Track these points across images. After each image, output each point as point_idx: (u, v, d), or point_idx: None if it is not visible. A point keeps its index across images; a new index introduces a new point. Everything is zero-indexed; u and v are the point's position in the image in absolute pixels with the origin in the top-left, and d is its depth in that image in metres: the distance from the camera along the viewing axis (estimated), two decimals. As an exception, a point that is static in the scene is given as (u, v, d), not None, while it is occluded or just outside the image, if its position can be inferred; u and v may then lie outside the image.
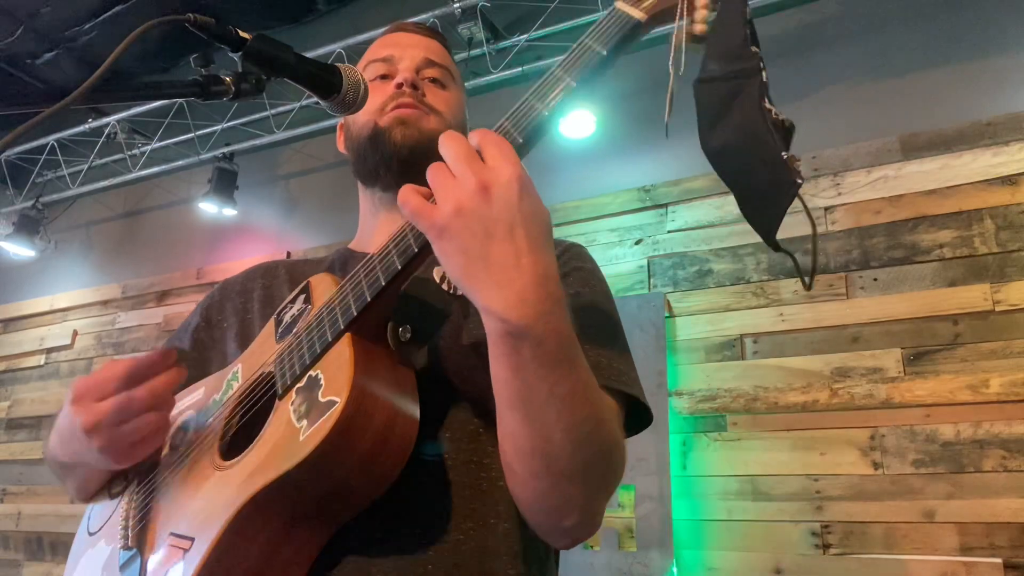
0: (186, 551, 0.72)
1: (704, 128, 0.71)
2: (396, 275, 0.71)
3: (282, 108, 3.90)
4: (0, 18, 3.85)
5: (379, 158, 0.99)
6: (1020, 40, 2.51)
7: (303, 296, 0.87)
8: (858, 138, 2.64)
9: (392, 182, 0.99)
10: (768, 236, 0.68)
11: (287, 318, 0.87)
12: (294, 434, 0.69)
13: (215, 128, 4.05)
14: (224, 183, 3.88)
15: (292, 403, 0.73)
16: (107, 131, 4.23)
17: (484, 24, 3.28)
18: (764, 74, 0.68)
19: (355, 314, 0.72)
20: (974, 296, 2.31)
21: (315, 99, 0.76)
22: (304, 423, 0.69)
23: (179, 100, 3.24)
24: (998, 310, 2.27)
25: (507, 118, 0.70)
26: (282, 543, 0.71)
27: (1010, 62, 2.50)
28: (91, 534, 0.92)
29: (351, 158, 1.07)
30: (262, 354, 0.86)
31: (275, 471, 0.68)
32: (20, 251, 4.51)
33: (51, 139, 4.43)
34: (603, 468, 0.72)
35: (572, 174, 3.09)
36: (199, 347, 1.03)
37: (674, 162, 2.87)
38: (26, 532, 4.13)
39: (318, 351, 0.74)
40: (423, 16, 3.28)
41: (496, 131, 0.69)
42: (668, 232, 2.87)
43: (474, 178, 0.62)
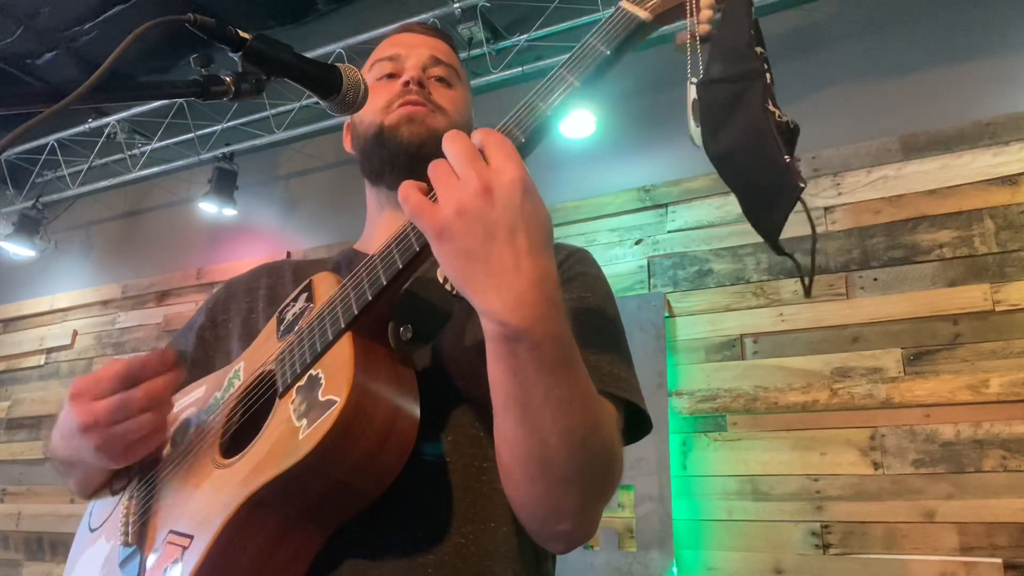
0: (185, 549, 0.72)
1: (708, 132, 0.71)
2: (397, 274, 0.70)
3: (282, 108, 3.90)
4: (0, 18, 3.85)
5: (385, 156, 0.99)
6: (1020, 40, 2.51)
7: (305, 295, 0.87)
8: (858, 138, 2.64)
9: (397, 180, 0.99)
10: (771, 239, 0.68)
11: (289, 316, 0.87)
12: (294, 433, 0.69)
13: (215, 128, 4.06)
14: (224, 183, 3.88)
15: (292, 402, 0.73)
16: (107, 131, 4.23)
17: (484, 24, 3.28)
18: (769, 76, 0.68)
19: (356, 313, 0.72)
20: (974, 296, 2.31)
21: (315, 99, 0.76)
22: (304, 422, 0.69)
23: (179, 100, 3.24)
24: (998, 310, 2.27)
25: (510, 117, 0.70)
26: (281, 542, 0.71)
27: (1010, 62, 2.50)
28: (92, 530, 0.92)
29: (358, 157, 1.07)
30: (264, 352, 0.86)
31: (274, 470, 0.68)
32: (20, 251, 4.51)
33: (51, 139, 4.43)
34: (599, 473, 0.72)
35: (572, 174, 3.09)
36: (204, 347, 1.03)
37: (674, 162, 2.87)
38: (26, 532, 4.13)
39: (319, 350, 0.74)
40: (423, 16, 3.28)
41: (499, 130, 0.69)
42: (668, 232, 2.87)
43: (477, 179, 0.62)
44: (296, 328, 0.82)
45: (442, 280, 0.90)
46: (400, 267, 0.70)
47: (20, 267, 4.78)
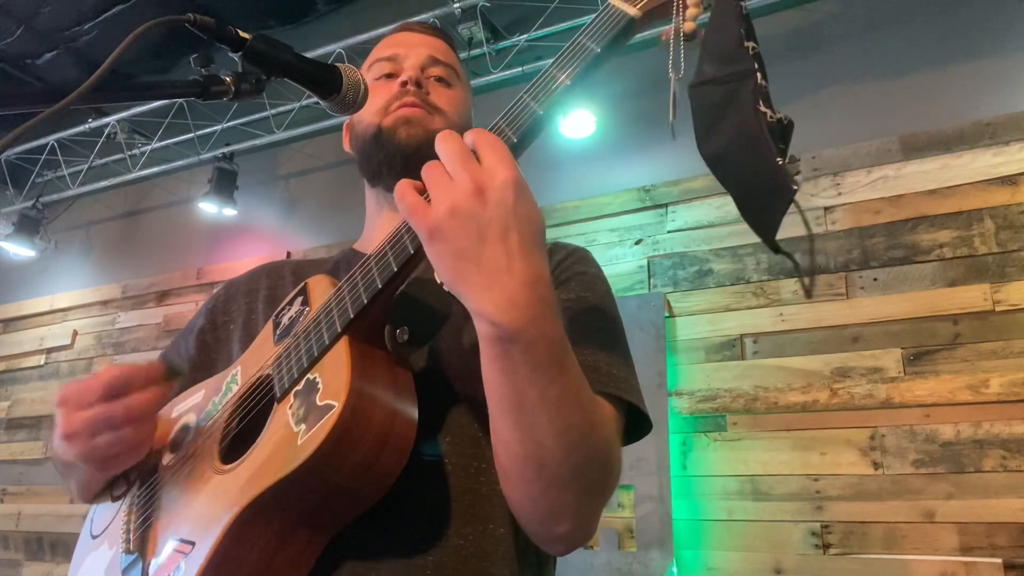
0: (187, 555, 0.72)
1: (700, 133, 0.71)
2: (392, 277, 0.70)
3: (282, 108, 3.90)
4: (0, 18, 3.85)
5: (383, 157, 0.99)
6: (1020, 40, 2.50)
7: (301, 298, 0.87)
8: (858, 138, 2.63)
9: (395, 181, 0.99)
10: (768, 239, 0.68)
11: (285, 320, 0.86)
12: (292, 438, 0.69)
13: (215, 128, 4.05)
14: (224, 183, 3.88)
15: (290, 407, 0.73)
16: (107, 131, 4.23)
17: (484, 24, 3.28)
18: (759, 75, 0.68)
19: (352, 316, 0.72)
20: (974, 296, 2.31)
21: (315, 99, 0.75)
22: (302, 427, 0.69)
23: (179, 100, 3.24)
24: (998, 310, 2.27)
25: (502, 117, 0.70)
26: (282, 547, 0.71)
27: (1010, 62, 2.50)
28: (94, 537, 0.92)
29: (357, 157, 1.06)
30: (261, 356, 0.86)
31: (274, 476, 0.68)
32: (20, 251, 4.51)
33: (51, 139, 4.43)
34: (596, 474, 0.71)
35: (572, 174, 3.09)
36: (204, 350, 1.03)
37: (674, 162, 2.86)
38: (26, 532, 4.14)
39: (315, 354, 0.74)
40: (423, 16, 3.27)
41: (491, 130, 0.68)
42: (668, 232, 2.87)
43: (469, 179, 0.62)
44: (293, 332, 0.82)
45: (439, 280, 0.90)
46: (395, 269, 0.70)
47: (20, 267, 4.78)
